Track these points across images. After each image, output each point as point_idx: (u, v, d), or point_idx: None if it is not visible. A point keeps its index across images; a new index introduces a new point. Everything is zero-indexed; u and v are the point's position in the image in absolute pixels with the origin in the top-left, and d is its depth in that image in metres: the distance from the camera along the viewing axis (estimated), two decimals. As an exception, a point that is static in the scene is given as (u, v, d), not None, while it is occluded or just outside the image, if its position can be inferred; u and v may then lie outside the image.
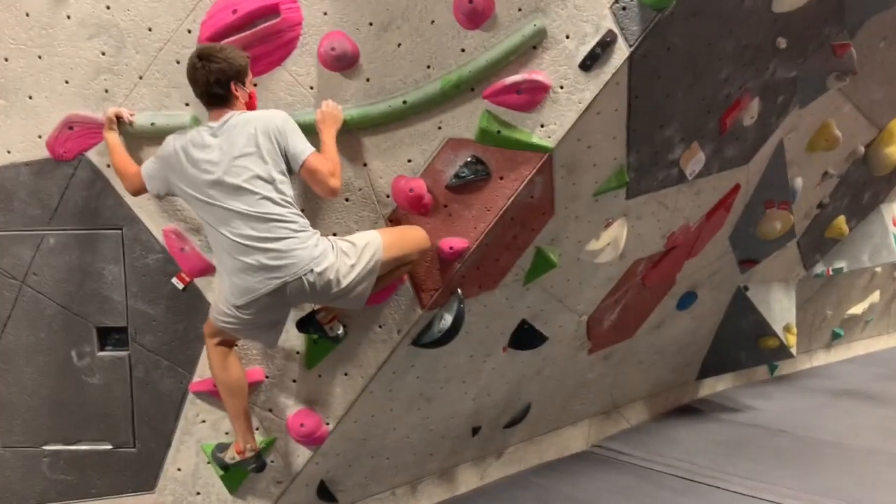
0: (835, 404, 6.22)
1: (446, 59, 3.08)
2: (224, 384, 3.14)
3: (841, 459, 4.85)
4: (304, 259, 2.79)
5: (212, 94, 2.87)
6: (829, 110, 4.80)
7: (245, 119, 2.84)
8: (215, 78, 2.83)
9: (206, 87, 2.85)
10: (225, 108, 2.89)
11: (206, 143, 2.84)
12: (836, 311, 7.35)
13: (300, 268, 2.78)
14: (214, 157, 2.81)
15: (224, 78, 2.85)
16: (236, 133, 2.81)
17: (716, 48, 3.46)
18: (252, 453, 3.21)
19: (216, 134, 2.84)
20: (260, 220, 2.77)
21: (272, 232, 2.77)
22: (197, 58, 2.85)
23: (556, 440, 5.14)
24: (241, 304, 2.86)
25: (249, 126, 2.81)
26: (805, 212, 5.52)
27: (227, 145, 2.81)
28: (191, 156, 2.85)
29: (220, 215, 2.81)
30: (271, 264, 2.77)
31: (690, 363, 6.08)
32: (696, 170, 3.98)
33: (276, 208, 2.79)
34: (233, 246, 2.80)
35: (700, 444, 5.27)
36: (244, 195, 2.77)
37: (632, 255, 4.19)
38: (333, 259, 2.85)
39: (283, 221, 2.79)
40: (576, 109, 3.08)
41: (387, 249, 3.00)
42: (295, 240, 2.79)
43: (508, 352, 4.06)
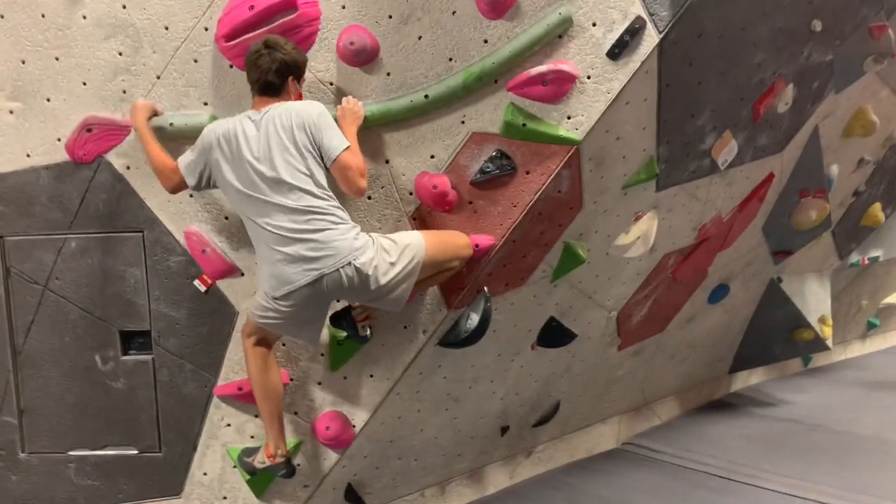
0: (872, 397, 6.05)
1: (469, 51, 2.99)
2: (261, 386, 3.09)
3: (881, 455, 4.69)
4: (343, 251, 2.76)
5: (267, 82, 2.86)
6: (866, 95, 4.64)
7: (283, 110, 2.82)
8: (277, 67, 2.83)
9: (264, 74, 2.84)
10: (273, 99, 2.89)
11: (247, 134, 2.82)
12: (871, 300, 7.15)
13: (339, 259, 2.75)
14: (254, 149, 2.80)
15: (285, 69, 2.86)
16: (275, 125, 2.79)
17: (749, 32, 3.33)
18: (283, 459, 3.15)
19: (258, 125, 2.82)
20: (299, 213, 2.75)
21: (311, 224, 2.76)
22: (263, 44, 2.84)
23: (586, 438, 5.04)
24: (279, 295, 2.84)
25: (286, 118, 2.79)
26: (840, 200, 5.35)
27: (266, 137, 2.79)
28: (232, 145, 2.83)
29: (260, 207, 2.80)
30: (310, 255, 2.75)
31: (723, 357, 5.94)
32: (729, 159, 3.85)
33: (316, 201, 2.77)
34: (272, 237, 2.79)
35: (734, 440, 5.13)
36: (283, 188, 2.76)
37: (662, 248, 4.07)
38: (373, 254, 2.81)
39: (323, 213, 2.77)
40: (604, 100, 2.98)
41: (428, 252, 2.95)
42: (334, 231, 2.77)
43: (537, 350, 3.96)
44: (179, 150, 3.17)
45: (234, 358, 3.36)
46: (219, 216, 3.24)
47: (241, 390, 3.34)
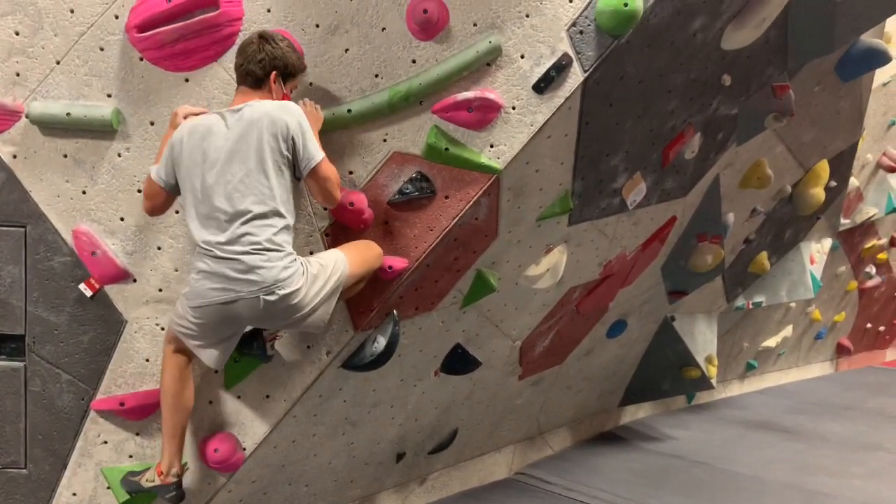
0: (749, 436, 6.35)
1: (396, 70, 2.94)
2: (172, 397, 2.89)
3: (758, 494, 4.91)
4: (267, 279, 2.60)
5: (249, 71, 2.71)
6: (763, 149, 4.91)
7: (260, 112, 2.64)
8: (261, 57, 2.69)
9: (248, 61, 2.70)
10: (254, 94, 2.73)
11: (214, 130, 2.65)
12: (752, 343, 7.55)
13: (259, 287, 2.60)
14: (218, 146, 2.63)
15: (269, 63, 2.70)
16: (246, 126, 2.62)
17: (666, 80, 3.44)
18: (175, 479, 2.94)
19: (229, 123, 2.66)
20: (237, 225, 2.59)
21: (242, 244, 2.59)
22: (258, 35, 2.73)
23: (479, 466, 5.02)
24: (193, 305, 2.69)
25: (261, 122, 2.62)
26: (732, 247, 5.63)
27: (234, 137, 2.62)
28: (195, 138, 2.65)
29: (204, 211, 2.64)
30: (231, 275, 2.61)
31: (615, 390, 6.10)
32: (637, 200, 3.97)
33: (261, 219, 2.61)
34: (202, 247, 2.64)
35: (621, 473, 5.25)
36: (233, 196, 2.60)
37: (569, 281, 4.13)
38: (301, 283, 2.66)
39: (261, 234, 2.60)
40: (527, 132, 2.99)
41: (350, 271, 2.86)
42: (262, 257, 2.60)
43: (440, 376, 3.91)
44: (75, 144, 2.94)
45: (118, 370, 3.12)
46: (114, 216, 3.02)
47: (122, 405, 3.10)
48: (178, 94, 2.93)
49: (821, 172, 5.53)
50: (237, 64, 2.74)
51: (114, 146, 2.97)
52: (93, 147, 2.97)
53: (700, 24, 3.30)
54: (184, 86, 2.92)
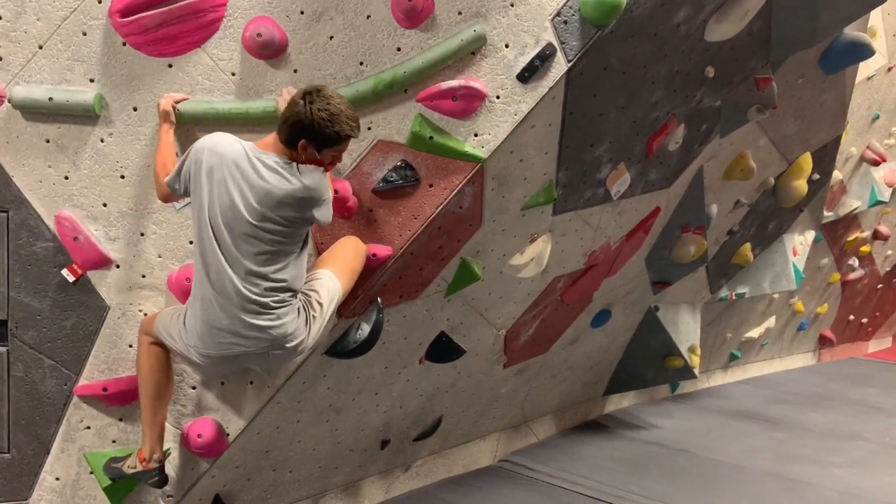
0: (731, 425, 6.43)
1: (381, 57, 2.94)
2: (151, 384, 2.91)
3: (738, 482, 4.98)
4: (277, 337, 2.71)
5: (279, 129, 2.61)
6: (747, 142, 4.95)
7: (302, 188, 2.59)
8: (286, 116, 2.57)
9: (282, 119, 2.60)
10: (285, 148, 2.62)
11: (262, 174, 2.57)
12: (735, 333, 7.62)
13: (269, 344, 2.72)
14: (261, 196, 2.56)
15: (297, 126, 2.55)
16: (286, 198, 2.58)
17: (649, 71, 3.46)
18: (157, 464, 2.96)
19: (279, 171, 2.58)
20: (257, 281, 2.63)
21: (257, 303, 2.64)
22: (304, 91, 2.56)
23: (464, 454, 5.05)
24: (194, 347, 2.75)
25: (300, 201, 2.61)
26: (716, 238, 5.67)
27: (266, 199, 2.56)
28: (248, 174, 2.56)
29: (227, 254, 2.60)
30: (244, 333, 2.67)
31: (599, 380, 6.15)
32: (622, 190, 3.99)
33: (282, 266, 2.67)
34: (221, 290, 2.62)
35: (605, 461, 5.31)
36: (258, 245, 2.61)
37: (553, 271, 4.15)
38: (304, 334, 2.78)
39: (275, 282, 2.66)
40: (511, 121, 3.00)
41: (344, 290, 2.94)
42: (274, 316, 2.67)
43: (425, 364, 3.93)
44: (57, 129, 2.93)
45: (101, 356, 3.12)
46: (96, 202, 3.01)
47: (105, 391, 3.10)
48: (162, 79, 2.92)
49: (804, 165, 5.57)
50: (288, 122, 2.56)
51: (96, 131, 2.96)
52: (75, 132, 2.96)
53: (684, 15, 3.32)
54: (167, 71, 2.91)
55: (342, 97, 2.60)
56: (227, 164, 2.55)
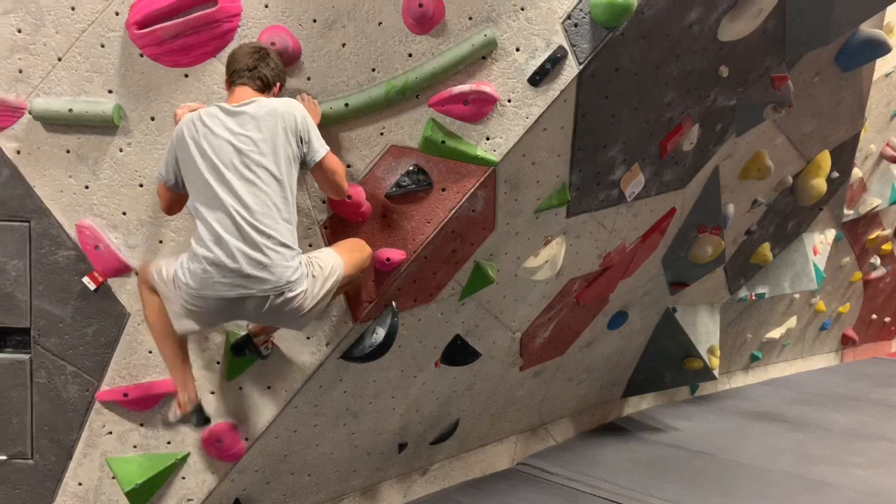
0: (752, 426, 6.37)
1: (392, 63, 2.97)
2: (161, 329, 2.89)
3: (759, 484, 4.93)
4: (280, 280, 2.61)
5: (261, 76, 2.76)
6: (763, 140, 4.92)
7: (270, 108, 2.65)
8: (274, 65, 2.79)
9: (262, 66, 2.75)
10: (256, 95, 2.74)
11: (223, 122, 2.63)
12: (755, 334, 7.56)
13: (273, 286, 2.61)
14: (226, 141, 2.61)
15: (279, 74, 2.82)
16: (259, 122, 2.63)
17: (662, 72, 3.46)
18: (192, 405, 2.96)
19: (234, 115, 2.64)
20: (252, 222, 2.58)
21: (257, 242, 2.57)
22: (263, 46, 2.80)
23: (482, 457, 5.06)
24: (196, 294, 2.64)
25: (273, 119, 2.64)
26: (734, 238, 5.64)
27: (244, 134, 2.62)
28: (206, 129, 2.63)
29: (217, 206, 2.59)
30: (246, 271, 2.57)
31: (617, 382, 6.12)
32: (636, 192, 3.99)
33: (277, 215, 2.62)
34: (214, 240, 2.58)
35: (623, 464, 5.28)
36: (248, 195, 2.58)
37: (568, 273, 4.15)
38: (306, 286, 2.69)
39: (275, 233, 2.60)
40: (522, 124, 3.02)
41: (344, 272, 2.87)
42: (279, 255, 2.61)
43: (440, 367, 3.95)
44: (77, 140, 2.99)
45: (122, 362, 3.17)
46: (116, 211, 3.06)
47: (126, 396, 3.15)
48: (178, 89, 2.96)
49: (822, 163, 5.52)
50: (244, 65, 2.74)
51: (115, 141, 3.01)
52: (95, 142, 3.01)
53: (696, 15, 3.31)
54: (183, 81, 2.96)
55: None
56: (196, 123, 2.64)
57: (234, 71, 2.77)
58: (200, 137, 2.63)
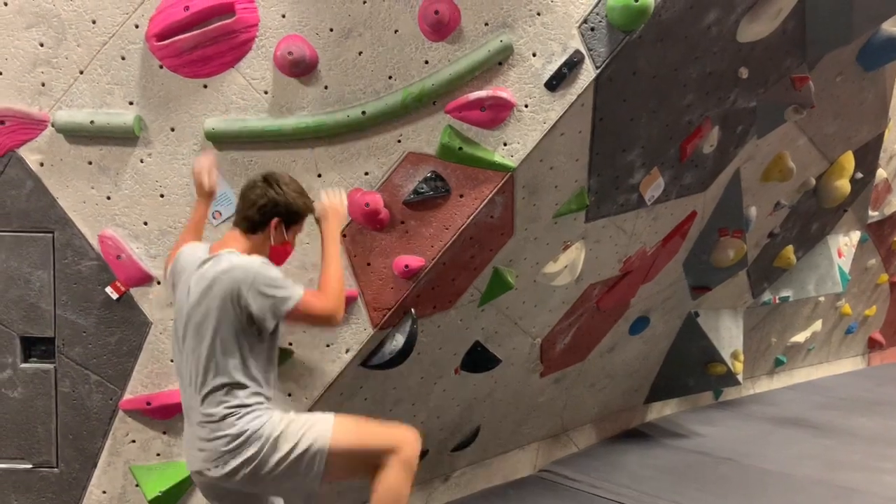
0: (778, 432, 6.29)
1: (409, 71, 2.97)
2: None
3: (786, 490, 4.86)
4: (213, 454, 2.44)
5: (245, 217, 2.56)
6: (785, 142, 4.86)
7: (217, 271, 2.44)
8: (263, 203, 2.53)
9: (247, 206, 2.56)
10: (244, 240, 2.57)
11: (192, 270, 2.53)
12: (780, 338, 7.46)
13: (208, 463, 2.45)
14: (191, 296, 2.49)
15: (271, 209, 2.54)
16: (205, 289, 2.44)
17: (681, 74, 3.43)
18: None
19: (202, 266, 2.50)
20: (202, 391, 2.45)
21: (202, 414, 2.46)
22: (262, 178, 2.59)
23: (503, 464, 5.03)
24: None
25: (214, 287, 2.43)
26: (756, 241, 5.57)
27: (196, 296, 2.46)
28: (188, 275, 2.55)
29: (178, 361, 2.60)
30: (198, 445, 2.49)
31: (640, 387, 6.07)
32: (656, 195, 3.96)
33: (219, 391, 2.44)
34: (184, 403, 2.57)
35: (647, 470, 5.23)
36: (198, 362, 2.46)
37: (588, 278, 4.13)
38: (257, 448, 2.41)
39: (217, 406, 2.43)
40: (540, 129, 3.00)
41: (338, 441, 2.49)
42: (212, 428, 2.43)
43: (460, 374, 3.94)
44: (99, 151, 3.03)
45: (144, 371, 3.20)
46: (137, 221, 3.10)
47: (149, 405, 3.18)
48: (198, 100, 3.00)
49: (846, 164, 5.45)
50: (237, 209, 2.62)
51: (136, 152, 3.05)
52: (116, 153, 3.05)
53: (714, 17, 3.28)
54: (202, 92, 2.99)
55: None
56: (184, 271, 2.60)
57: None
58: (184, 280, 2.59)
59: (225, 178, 3.03)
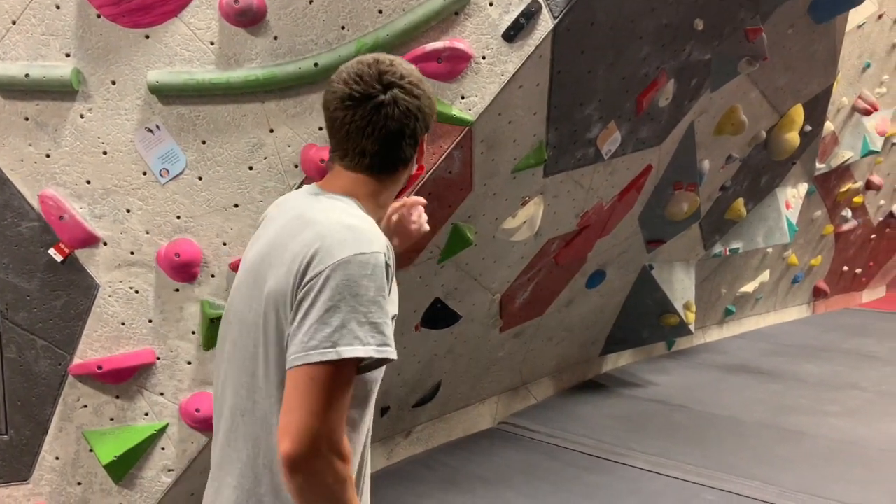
0: (728, 379, 6.49)
1: (362, 21, 2.87)
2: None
3: (736, 434, 5.04)
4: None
5: (352, 146, 1.54)
6: (737, 95, 4.90)
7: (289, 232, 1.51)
8: (398, 127, 1.53)
9: (349, 124, 1.52)
10: (348, 179, 1.58)
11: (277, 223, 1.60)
12: (729, 289, 7.65)
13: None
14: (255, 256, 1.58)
15: (410, 131, 1.55)
16: (291, 242, 1.48)
17: (637, 26, 3.40)
18: None
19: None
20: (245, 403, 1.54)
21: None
22: (378, 77, 1.52)
23: (464, 418, 5.09)
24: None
25: (303, 242, 1.45)
26: (709, 194, 5.65)
27: (270, 249, 1.54)
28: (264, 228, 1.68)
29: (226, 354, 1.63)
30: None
31: (596, 340, 6.17)
32: (613, 149, 3.96)
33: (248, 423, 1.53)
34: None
35: (603, 420, 5.35)
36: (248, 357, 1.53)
37: (546, 233, 4.13)
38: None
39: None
40: (498, 82, 2.95)
41: None
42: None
43: (421, 331, 3.93)
44: (36, 106, 2.87)
45: (93, 335, 3.10)
46: (79, 179, 2.96)
47: (100, 369, 3.09)
48: (139, 51, 2.85)
49: (795, 117, 5.53)
50: (332, 119, 1.55)
51: (76, 107, 2.90)
52: (54, 109, 2.90)
53: (671, -34, 3.25)
54: (144, 43, 2.84)
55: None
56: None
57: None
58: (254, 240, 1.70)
59: (171, 134, 2.91)
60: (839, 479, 4.23)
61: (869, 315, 9.78)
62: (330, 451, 1.34)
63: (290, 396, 1.36)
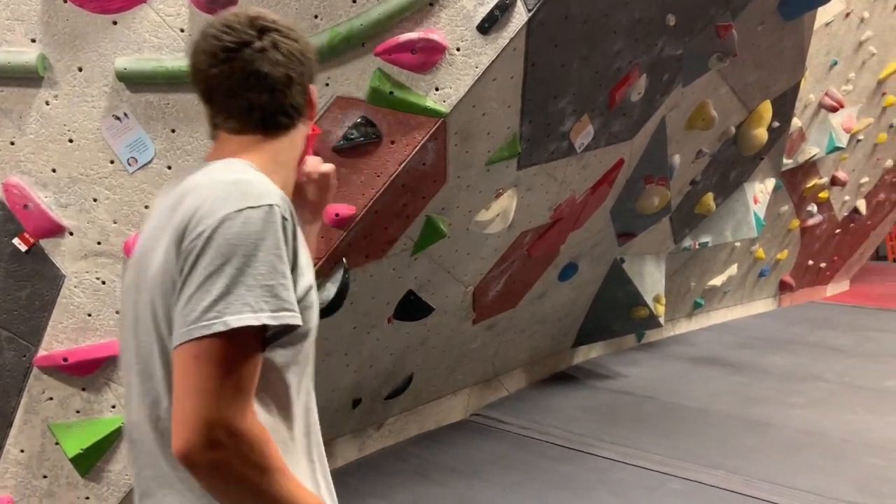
0: (696, 371, 6.58)
1: (336, 10, 2.84)
2: None
3: (703, 425, 5.11)
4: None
5: (265, 103, 1.36)
6: (708, 90, 4.95)
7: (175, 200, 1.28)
8: (284, 73, 1.35)
9: (253, 84, 1.34)
10: (230, 142, 1.38)
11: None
12: (698, 282, 7.76)
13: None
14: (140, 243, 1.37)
15: (297, 76, 1.38)
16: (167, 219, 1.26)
17: (611, 20, 3.42)
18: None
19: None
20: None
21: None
22: (250, 23, 1.36)
23: (436, 409, 5.10)
24: None
25: (182, 211, 1.23)
26: (679, 188, 5.72)
27: (152, 234, 1.31)
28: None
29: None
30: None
31: (568, 332, 6.22)
32: (585, 143, 3.98)
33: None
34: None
35: (574, 411, 5.40)
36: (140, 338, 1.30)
37: (519, 226, 4.15)
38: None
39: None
40: (472, 74, 2.95)
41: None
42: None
43: (394, 323, 3.93)
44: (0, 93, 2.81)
45: (59, 326, 3.04)
46: (44, 167, 2.90)
47: (66, 361, 3.03)
48: (107, 37, 2.79)
49: (764, 113, 5.61)
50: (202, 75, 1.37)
51: (41, 94, 2.83)
52: (19, 95, 2.83)
53: (645, -39, 3.27)
54: (112, 29, 2.79)
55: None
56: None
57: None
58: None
59: (140, 122, 2.86)
60: (803, 469, 4.32)
61: (833, 308, 9.98)
62: (231, 439, 1.12)
63: (177, 383, 1.15)
